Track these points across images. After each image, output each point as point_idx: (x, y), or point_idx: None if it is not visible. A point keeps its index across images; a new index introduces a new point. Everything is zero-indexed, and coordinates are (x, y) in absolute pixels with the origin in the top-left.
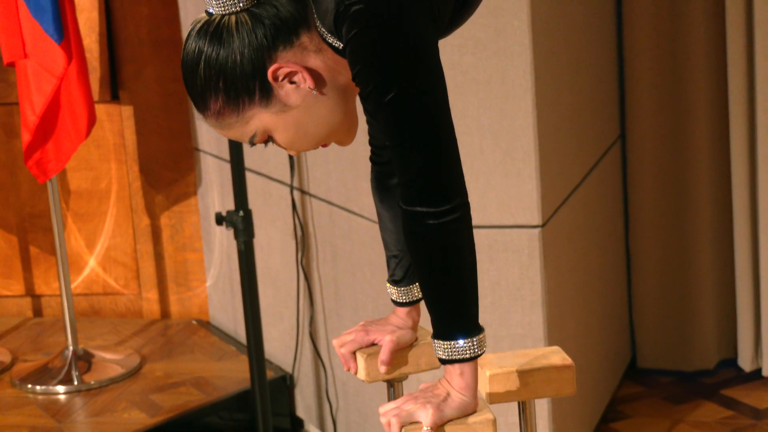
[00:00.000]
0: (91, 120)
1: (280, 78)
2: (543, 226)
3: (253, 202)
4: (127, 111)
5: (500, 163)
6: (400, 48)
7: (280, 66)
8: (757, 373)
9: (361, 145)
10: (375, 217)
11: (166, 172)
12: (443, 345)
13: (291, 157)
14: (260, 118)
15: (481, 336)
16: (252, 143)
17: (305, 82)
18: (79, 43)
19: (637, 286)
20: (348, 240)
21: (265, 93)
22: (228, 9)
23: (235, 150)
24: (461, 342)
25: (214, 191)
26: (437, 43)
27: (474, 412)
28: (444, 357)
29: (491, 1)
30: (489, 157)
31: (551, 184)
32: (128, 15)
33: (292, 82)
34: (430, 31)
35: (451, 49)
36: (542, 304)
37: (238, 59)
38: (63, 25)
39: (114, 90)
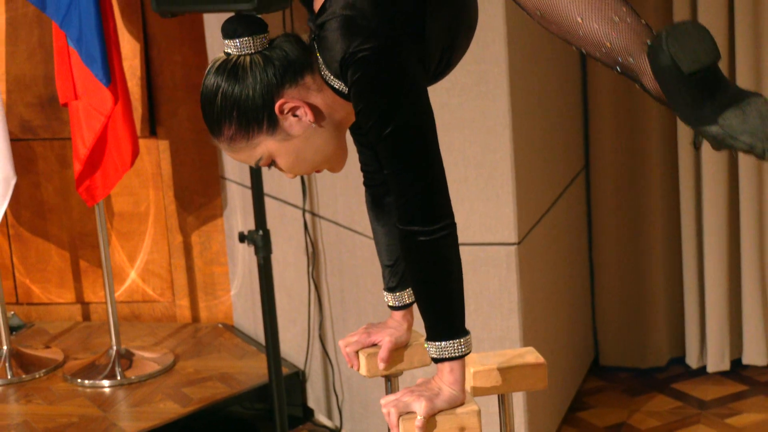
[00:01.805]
0: (134, 153)
1: (286, 111)
2: (519, 243)
3: (271, 223)
4: (163, 145)
5: (482, 190)
6: (397, 91)
7: (286, 101)
8: (702, 370)
9: (359, 177)
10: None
11: (197, 197)
12: (435, 345)
13: (303, 184)
14: (266, 145)
15: (467, 338)
16: (257, 165)
17: (306, 115)
18: (124, 87)
19: (599, 295)
20: (352, 255)
21: (272, 123)
22: (244, 51)
23: (256, 178)
24: (450, 343)
25: (238, 213)
26: (427, 87)
27: (462, 404)
28: (436, 356)
29: (474, 50)
30: (472, 184)
31: (526, 207)
32: (165, 63)
33: (295, 115)
34: (421, 77)
35: (440, 92)
36: (518, 310)
37: (251, 93)
38: (110, 71)
39: (152, 127)
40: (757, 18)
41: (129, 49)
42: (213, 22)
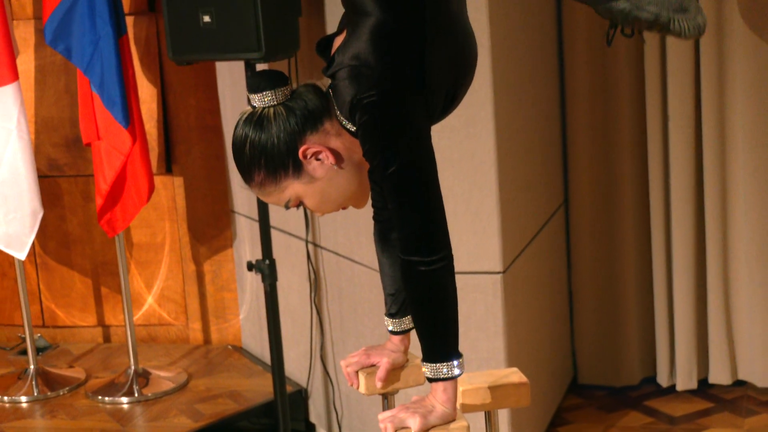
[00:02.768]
0: (151, 188)
1: (309, 156)
2: (504, 272)
3: (277, 253)
4: (178, 181)
5: (470, 223)
6: (399, 133)
7: (309, 147)
8: (671, 388)
9: (359, 210)
10: (372, 265)
11: (208, 229)
12: (430, 366)
13: (306, 217)
14: (293, 188)
15: (460, 360)
16: (287, 207)
17: (328, 159)
18: (142, 128)
19: (577, 319)
20: (351, 283)
21: (297, 168)
22: (267, 103)
23: (263, 211)
24: (445, 365)
25: (246, 244)
26: (429, 129)
27: (454, 420)
28: (431, 376)
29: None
30: (461, 218)
31: (510, 239)
32: (180, 106)
33: (317, 159)
34: (423, 120)
35: (431, 134)
36: (503, 333)
37: (276, 141)
38: (129, 114)
39: (168, 165)
40: (721, 63)
41: (147, 93)
42: (224, 69)
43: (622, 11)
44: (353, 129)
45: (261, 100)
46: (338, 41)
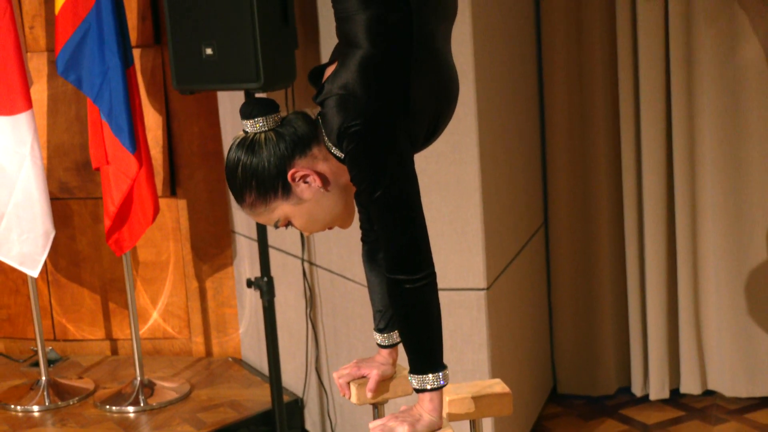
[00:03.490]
0: (156, 210)
1: (297, 179)
2: (488, 289)
3: (274, 271)
4: (182, 203)
5: (456, 243)
6: (384, 160)
7: (297, 170)
8: (645, 398)
9: (352, 230)
10: (364, 283)
11: (210, 248)
12: (417, 378)
13: (302, 237)
14: (282, 209)
15: (445, 372)
16: (276, 226)
17: (315, 182)
18: (147, 154)
19: (556, 333)
20: (344, 299)
21: (286, 190)
22: (259, 129)
23: (261, 232)
24: (430, 376)
25: (246, 262)
26: (412, 156)
27: (440, 428)
28: (418, 387)
29: (450, 123)
30: (448, 238)
31: (494, 258)
32: (184, 133)
33: (305, 182)
34: (407, 147)
35: (419, 159)
36: (487, 346)
37: (266, 165)
38: (136, 140)
39: (173, 188)
40: (690, 95)
41: (153, 121)
42: (225, 98)
43: None
44: (340, 155)
45: (253, 126)
46: (329, 71)
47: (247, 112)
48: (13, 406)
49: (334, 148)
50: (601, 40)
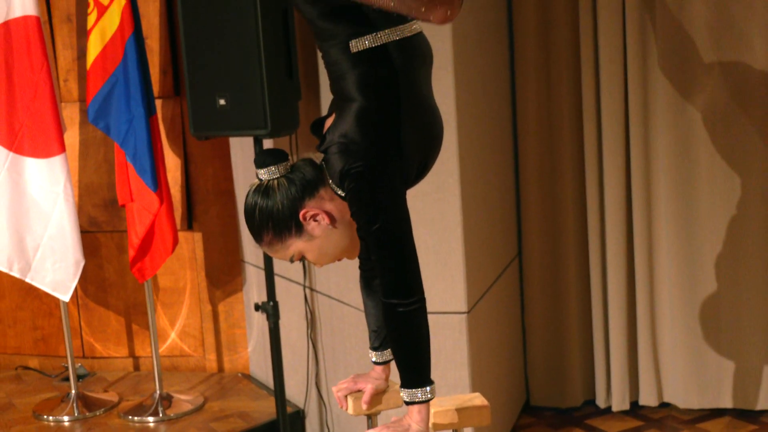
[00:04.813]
0: (175, 242)
1: (308, 218)
2: (468, 312)
3: (279, 296)
4: (198, 236)
5: (440, 272)
6: (381, 197)
7: (307, 210)
8: (608, 409)
9: (347, 260)
10: (359, 307)
11: (222, 276)
12: (407, 392)
13: (304, 266)
14: (296, 245)
15: (432, 386)
16: (291, 261)
17: (324, 220)
18: (168, 192)
19: (530, 351)
20: (341, 321)
21: (298, 228)
22: (272, 176)
23: (268, 261)
24: (419, 390)
25: (254, 288)
26: (405, 193)
27: None
28: (407, 400)
29: (435, 165)
30: (433, 267)
31: (474, 285)
32: (200, 174)
33: (315, 221)
34: (400, 185)
35: (407, 197)
36: (468, 364)
37: (280, 207)
38: (157, 180)
39: (190, 222)
40: (647, 126)
41: (172, 163)
42: (236, 143)
43: None
44: (343, 194)
45: (266, 174)
46: (329, 122)
47: (261, 162)
48: (46, 417)
49: (337, 188)
50: (568, 94)
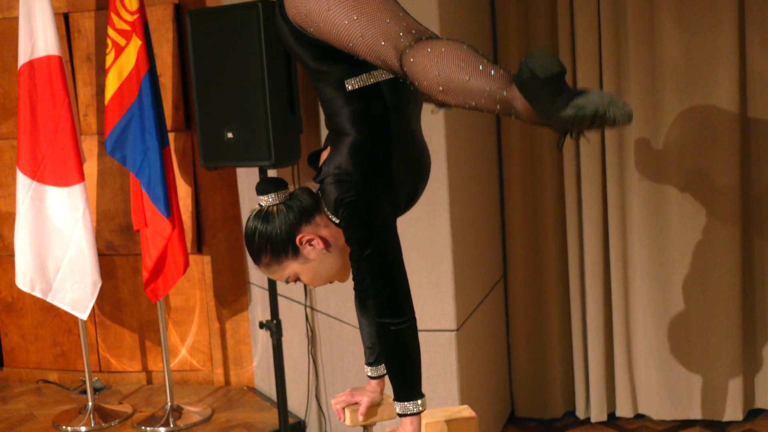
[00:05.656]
0: (186, 264)
1: (304, 242)
2: (457, 330)
3: (282, 314)
4: (206, 259)
5: (431, 293)
6: (372, 225)
7: (304, 235)
8: (587, 420)
9: (346, 282)
10: (356, 325)
11: (229, 296)
12: (400, 404)
13: (305, 287)
14: (292, 267)
15: (423, 399)
16: (287, 282)
17: (319, 244)
18: (179, 218)
19: (514, 366)
20: (339, 339)
21: (295, 252)
22: (271, 203)
23: (272, 282)
24: (411, 403)
25: (258, 308)
26: (395, 220)
27: None
28: (400, 412)
29: (426, 194)
30: (424, 288)
31: (462, 304)
32: (209, 201)
33: (311, 245)
34: (390, 214)
35: (401, 224)
36: (457, 378)
37: (278, 232)
38: (170, 207)
39: (199, 246)
40: (623, 193)
41: (183, 191)
42: (243, 173)
43: (569, 118)
44: (337, 222)
45: (266, 201)
46: (324, 155)
47: (261, 189)
48: (64, 427)
49: (331, 215)
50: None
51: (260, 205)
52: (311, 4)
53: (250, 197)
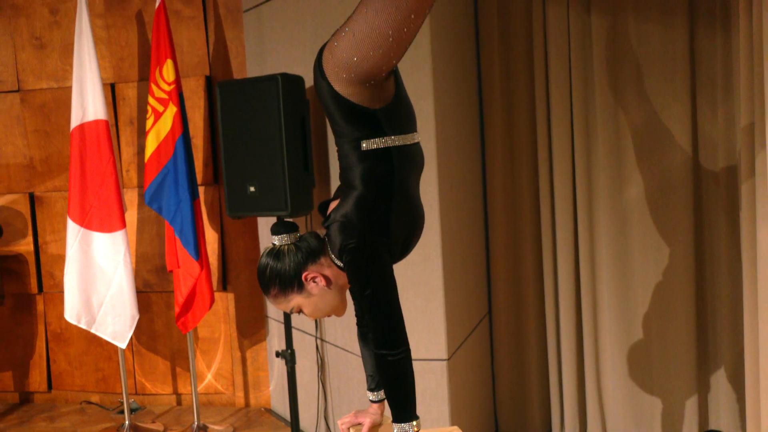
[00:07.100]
0: (212, 301)
1: (308, 279)
2: (448, 359)
3: (296, 345)
4: (230, 296)
5: (425, 326)
6: (371, 269)
7: (309, 273)
8: None
9: (351, 317)
10: (359, 354)
11: (250, 328)
12: (398, 426)
13: (316, 321)
14: (296, 300)
15: (418, 421)
16: (290, 312)
17: (321, 282)
18: (207, 260)
19: (498, 391)
20: (346, 367)
21: (300, 287)
22: (283, 242)
23: (287, 317)
24: (407, 424)
25: (275, 339)
26: (391, 265)
27: None
28: None
29: (421, 241)
30: (420, 323)
31: (453, 337)
32: (233, 246)
33: (314, 282)
34: (387, 259)
35: (401, 266)
36: (448, 402)
37: (287, 269)
38: (199, 251)
39: (224, 284)
40: (591, 210)
41: (211, 237)
42: (263, 222)
43: None
44: (340, 264)
45: (279, 240)
46: (333, 204)
47: (275, 231)
48: None
49: (336, 259)
50: (528, 184)
51: (273, 244)
52: (342, 43)
53: (269, 242)
